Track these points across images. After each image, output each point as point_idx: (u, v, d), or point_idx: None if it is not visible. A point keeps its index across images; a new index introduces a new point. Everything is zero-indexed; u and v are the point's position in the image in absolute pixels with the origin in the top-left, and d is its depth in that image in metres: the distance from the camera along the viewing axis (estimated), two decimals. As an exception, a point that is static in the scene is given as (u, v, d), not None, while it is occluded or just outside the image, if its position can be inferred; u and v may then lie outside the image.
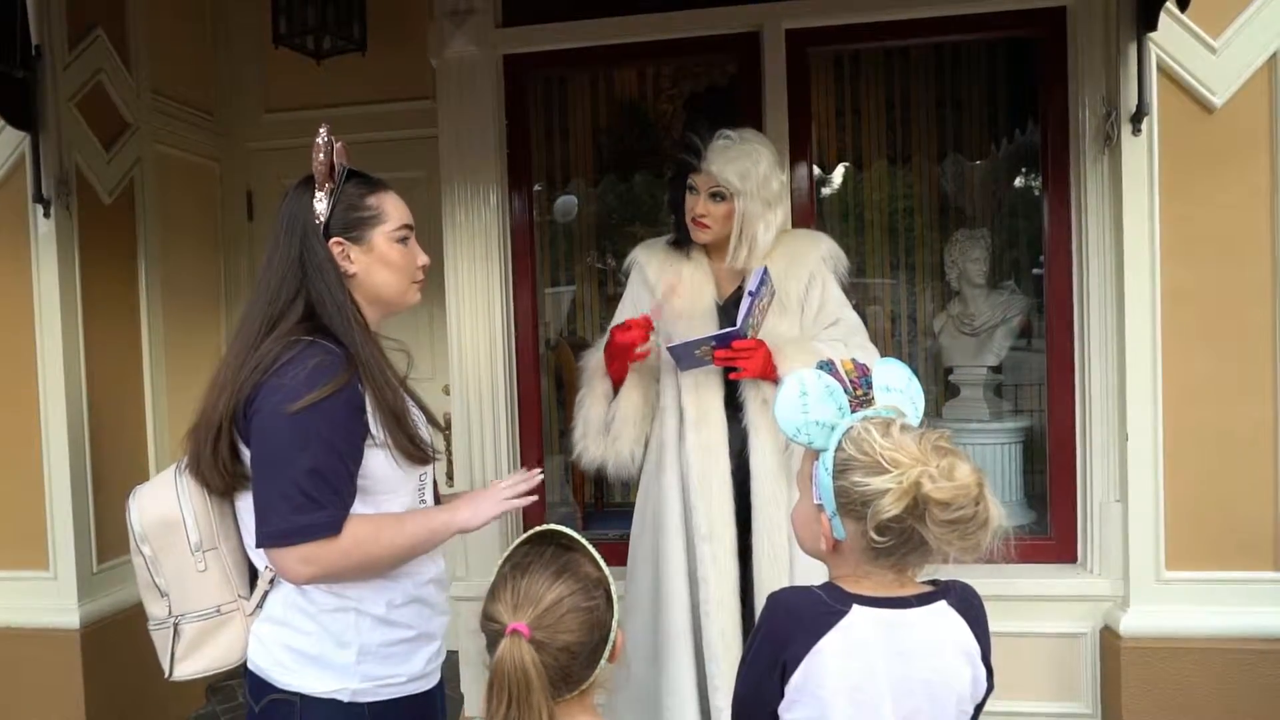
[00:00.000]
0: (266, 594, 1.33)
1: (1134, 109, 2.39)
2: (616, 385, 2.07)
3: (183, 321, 3.30)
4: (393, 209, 1.36)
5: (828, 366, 1.11)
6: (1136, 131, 2.41)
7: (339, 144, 1.33)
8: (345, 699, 1.27)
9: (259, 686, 1.32)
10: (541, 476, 1.44)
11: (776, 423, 1.10)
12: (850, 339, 2.02)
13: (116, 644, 2.73)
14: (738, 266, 2.04)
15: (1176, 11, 2.29)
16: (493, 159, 2.77)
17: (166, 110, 3.25)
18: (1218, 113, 2.40)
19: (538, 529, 1.13)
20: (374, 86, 3.39)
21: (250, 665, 1.34)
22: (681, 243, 2.12)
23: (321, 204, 1.31)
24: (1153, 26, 2.32)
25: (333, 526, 1.21)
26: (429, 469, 1.37)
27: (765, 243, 2.03)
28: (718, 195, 2.00)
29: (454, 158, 2.77)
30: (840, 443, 1.04)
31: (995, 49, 3.23)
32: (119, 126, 2.93)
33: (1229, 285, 2.40)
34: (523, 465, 2.77)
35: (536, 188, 3.42)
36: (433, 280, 2.82)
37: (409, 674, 1.31)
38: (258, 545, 1.27)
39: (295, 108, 3.51)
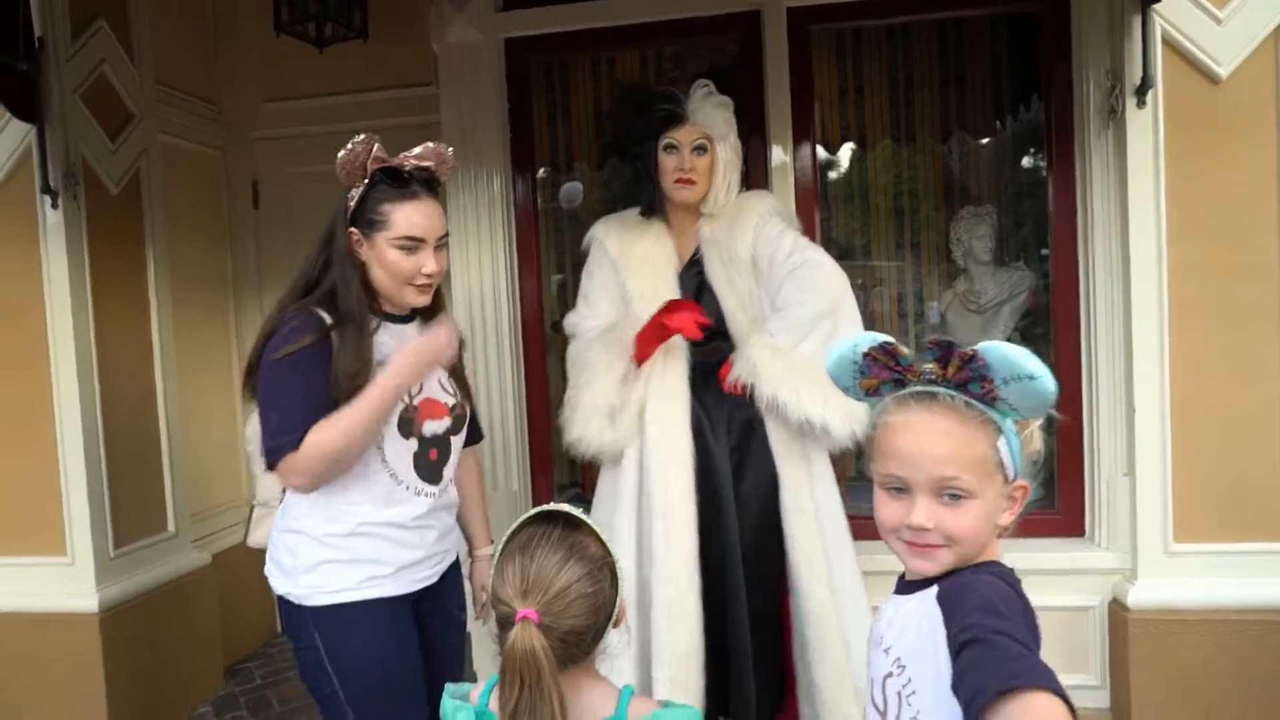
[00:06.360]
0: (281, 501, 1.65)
1: (1138, 81, 2.37)
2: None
3: (191, 309, 3.33)
4: (401, 219, 1.53)
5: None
6: (1141, 104, 2.39)
7: (378, 147, 1.53)
8: (294, 600, 1.56)
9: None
10: (456, 338, 1.61)
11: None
12: (803, 296, 1.98)
13: (135, 627, 2.77)
14: (714, 213, 2.09)
15: (1181, -19, 2.27)
16: (496, 143, 2.78)
17: (170, 100, 3.26)
18: (1223, 84, 2.38)
19: (542, 508, 1.13)
20: (376, 73, 3.40)
21: None
22: (652, 210, 2.11)
23: (354, 196, 1.56)
24: (1157, -3, 2.30)
25: (294, 444, 1.46)
26: (416, 440, 1.57)
27: (735, 191, 2.09)
28: (700, 148, 2.02)
29: (457, 143, 2.77)
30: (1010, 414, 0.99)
31: (999, 24, 3.19)
32: (124, 117, 2.95)
33: (1235, 258, 2.38)
34: (530, 447, 2.79)
35: (541, 172, 3.42)
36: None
37: (341, 586, 1.54)
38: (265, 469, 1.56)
39: (298, 96, 3.52)
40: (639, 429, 1.97)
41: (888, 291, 3.47)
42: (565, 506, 1.13)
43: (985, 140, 3.50)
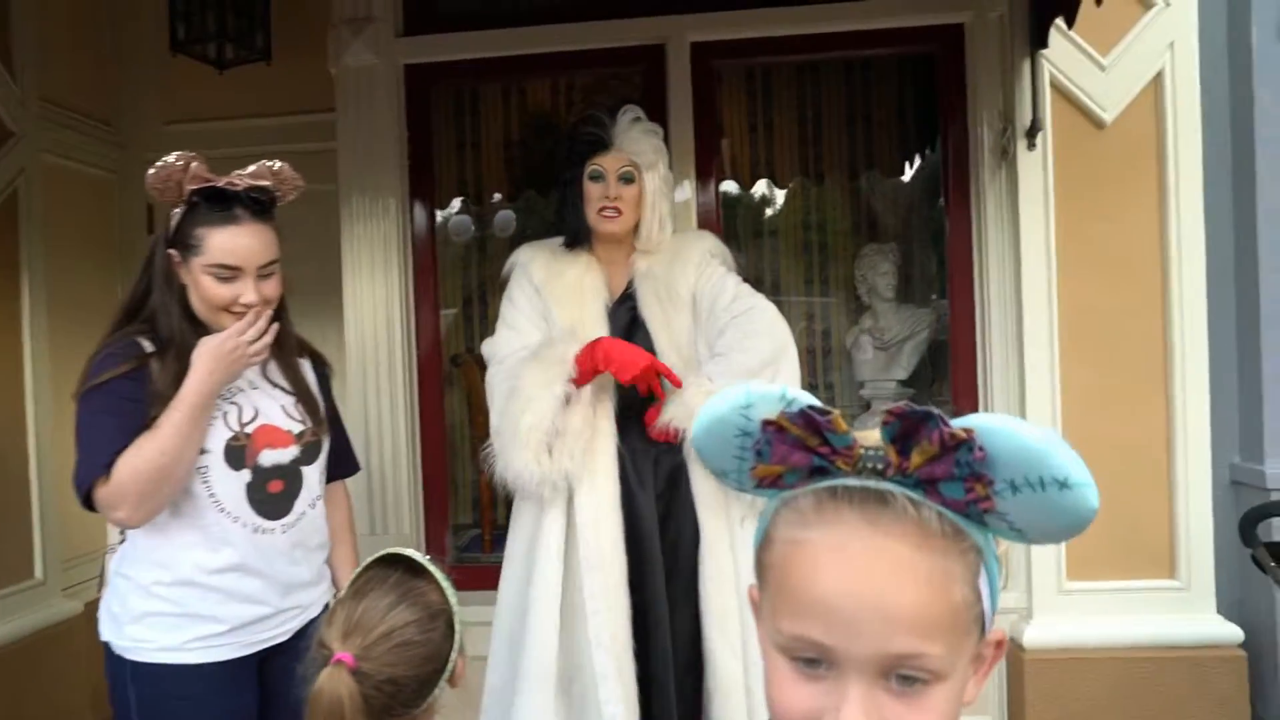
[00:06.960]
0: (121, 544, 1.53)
1: (1029, 124, 2.42)
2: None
3: (75, 338, 3.11)
4: (217, 246, 1.45)
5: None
6: (1031, 147, 2.44)
7: (197, 166, 1.45)
8: (115, 650, 1.47)
9: None
10: (271, 325, 1.49)
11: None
12: (747, 343, 1.86)
13: (-11, 684, 2.56)
14: (648, 249, 1.98)
15: (1065, 29, 2.33)
16: (393, 171, 2.70)
17: (58, 119, 3.10)
18: (1108, 129, 2.46)
19: (387, 551, 1.08)
20: (279, 98, 3.29)
21: None
22: (577, 242, 1.99)
23: (175, 216, 1.49)
24: (1044, 44, 2.36)
25: (103, 470, 1.37)
26: (250, 471, 1.48)
27: (670, 226, 1.99)
28: (626, 177, 1.92)
29: (352, 170, 2.69)
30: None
31: (904, 65, 3.26)
32: (0, 135, 2.79)
33: (1122, 296, 2.44)
34: (424, 488, 2.68)
35: (460, 200, 3.35)
36: (331, 296, 2.77)
37: (165, 644, 1.43)
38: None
39: (198, 119, 3.40)
40: (579, 461, 1.80)
41: (796, 327, 3.48)
42: (410, 551, 1.08)
43: (894, 178, 3.56)
